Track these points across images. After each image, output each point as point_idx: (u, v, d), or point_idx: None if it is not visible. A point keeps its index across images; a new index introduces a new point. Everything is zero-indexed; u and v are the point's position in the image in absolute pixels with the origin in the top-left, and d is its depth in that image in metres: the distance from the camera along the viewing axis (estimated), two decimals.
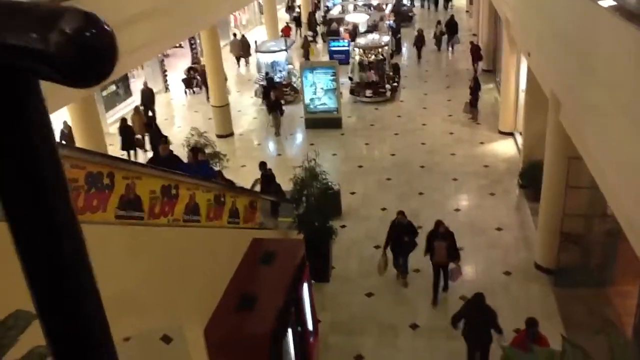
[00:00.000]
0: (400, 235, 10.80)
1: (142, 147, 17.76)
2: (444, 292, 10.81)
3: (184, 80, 23.97)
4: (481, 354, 8.73)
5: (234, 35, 28.51)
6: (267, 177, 13.09)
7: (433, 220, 13.16)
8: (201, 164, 11.38)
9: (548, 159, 10.67)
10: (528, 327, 7.84)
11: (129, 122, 17.37)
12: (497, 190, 14.48)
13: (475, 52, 23.36)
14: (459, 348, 9.36)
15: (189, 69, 24.48)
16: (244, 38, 27.86)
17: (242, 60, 27.52)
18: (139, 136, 17.57)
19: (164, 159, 11.49)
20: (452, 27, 26.93)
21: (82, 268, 0.82)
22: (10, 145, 0.70)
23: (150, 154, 16.40)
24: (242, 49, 27.30)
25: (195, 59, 25.99)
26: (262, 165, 13.42)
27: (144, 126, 17.77)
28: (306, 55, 26.73)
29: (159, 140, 15.77)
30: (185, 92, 23.98)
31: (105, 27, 0.66)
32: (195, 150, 11.71)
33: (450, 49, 26.97)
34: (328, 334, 9.97)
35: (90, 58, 0.65)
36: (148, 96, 20.41)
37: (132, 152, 17.32)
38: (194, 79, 24.06)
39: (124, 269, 5.61)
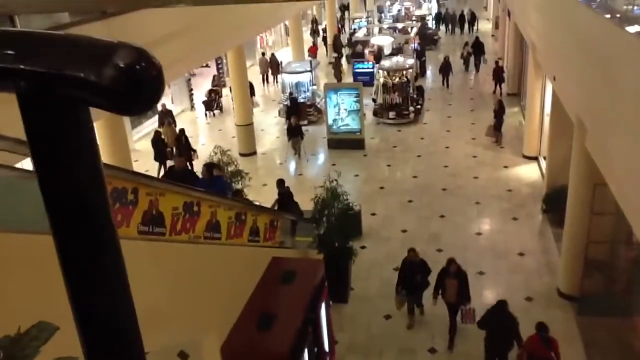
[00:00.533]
0: (413, 273, 10.37)
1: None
2: (454, 334, 10.11)
3: (204, 103, 23.94)
4: None
5: (263, 54, 29.02)
6: (285, 195, 13.02)
7: (454, 244, 13.14)
8: (215, 179, 11.38)
9: (573, 184, 10.55)
10: (539, 331, 8.21)
11: (162, 135, 17.87)
12: (520, 214, 14.32)
13: (499, 73, 23.55)
14: None
15: (210, 91, 24.40)
16: (273, 57, 28.36)
17: (271, 78, 28.10)
18: (169, 149, 18.04)
19: (178, 173, 11.64)
20: (479, 47, 27.41)
21: (120, 284, 0.87)
22: (61, 166, 0.75)
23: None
24: (271, 67, 27.93)
25: (215, 82, 25.80)
26: (280, 183, 13.31)
27: (175, 139, 18.21)
28: (338, 75, 26.94)
29: (189, 153, 17.30)
30: (206, 115, 23.87)
31: (154, 61, 0.71)
32: (209, 166, 11.63)
33: (476, 69, 27.29)
34: (345, 355, 9.89)
35: (140, 90, 0.69)
36: (164, 117, 20.26)
37: (164, 163, 17.69)
38: (214, 101, 24.05)
39: (144, 284, 5.66)
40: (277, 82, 27.62)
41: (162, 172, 17.23)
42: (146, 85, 0.70)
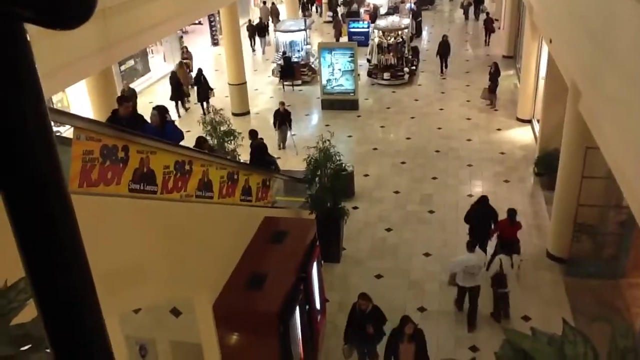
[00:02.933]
0: (363, 324, 8.25)
1: (188, 96, 20.14)
2: None
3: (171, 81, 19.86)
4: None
5: (264, 2, 29.87)
6: (258, 147, 12.28)
7: (446, 205, 13.22)
8: (167, 126, 9.46)
9: (565, 148, 10.57)
10: (509, 215, 10.55)
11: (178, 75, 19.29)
12: (512, 177, 14.39)
13: (489, 24, 25.27)
14: (466, 333, 9.43)
15: (180, 64, 20.84)
16: (274, 5, 28.28)
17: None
18: (185, 88, 19.62)
19: (122, 120, 9.79)
20: None
21: (69, 230, 0.82)
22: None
23: (196, 106, 19.82)
24: (272, 15, 28.38)
25: (184, 55, 22.23)
26: (252, 134, 12.62)
27: (187, 79, 19.91)
28: (338, 35, 26.57)
29: (207, 92, 19.20)
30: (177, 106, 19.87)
31: None
32: (160, 110, 9.78)
33: (475, 17, 28.57)
34: (336, 314, 10.04)
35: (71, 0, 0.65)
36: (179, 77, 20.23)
37: (179, 102, 19.64)
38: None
39: (136, 241, 5.69)
40: (266, 44, 27.16)
41: (180, 110, 19.67)
42: None
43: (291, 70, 21.35)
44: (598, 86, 8.10)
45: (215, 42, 27.55)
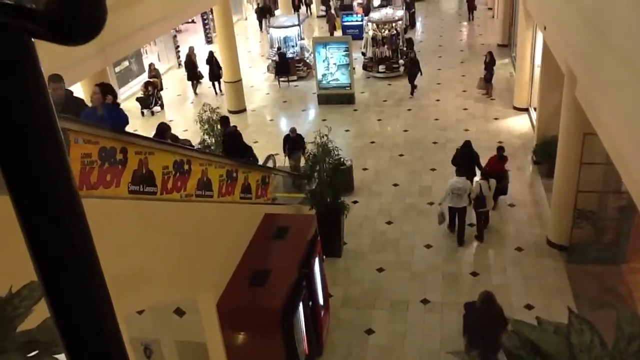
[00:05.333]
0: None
1: (202, 77, 21.48)
2: None
3: (139, 100, 19.61)
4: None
5: None
6: (231, 135, 11.69)
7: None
8: (110, 109, 7.73)
9: (563, 134, 10.57)
10: (497, 151, 12.49)
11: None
12: (511, 166, 14.37)
13: (471, 2, 27.15)
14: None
15: (146, 84, 19.85)
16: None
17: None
18: (199, 69, 21.38)
19: (56, 104, 8.10)
20: None
21: (82, 236, 0.82)
22: (6, 100, 0.71)
23: (205, 85, 21.51)
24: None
25: (152, 72, 21.21)
26: (224, 121, 12.09)
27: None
28: (332, 29, 26.52)
29: (219, 71, 20.09)
30: (142, 113, 19.46)
31: None
32: (103, 88, 7.97)
33: (470, 15, 28.20)
34: (339, 309, 10.06)
35: (78, 16, 0.65)
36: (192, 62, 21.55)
37: (197, 82, 21.51)
38: (152, 96, 19.70)
39: (138, 243, 5.69)
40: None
41: (197, 89, 21.55)
42: (86, 11, 0.65)
43: (286, 66, 21.33)
44: (594, 71, 8.09)
45: (209, 40, 27.49)
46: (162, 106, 20.22)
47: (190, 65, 21.26)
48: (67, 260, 0.81)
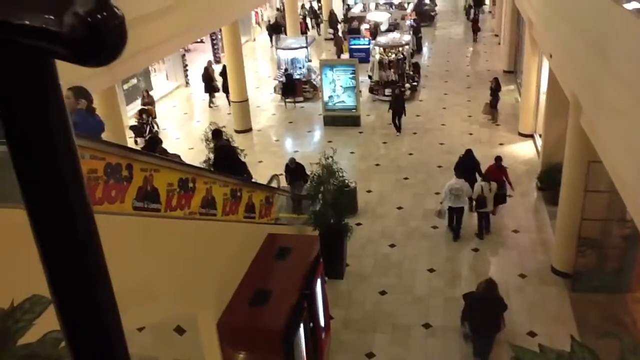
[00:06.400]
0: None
1: (218, 90, 21.84)
2: None
3: (132, 128, 18.31)
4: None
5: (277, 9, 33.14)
6: (223, 149, 11.13)
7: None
8: (83, 115, 6.67)
9: (567, 162, 10.57)
10: (496, 161, 13.01)
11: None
12: (515, 192, 14.35)
13: (475, 24, 29.14)
14: (471, 349, 9.36)
15: (140, 112, 19.04)
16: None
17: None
18: (215, 82, 21.94)
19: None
20: (478, 1, 32.17)
21: (94, 252, 0.85)
22: (27, 120, 0.73)
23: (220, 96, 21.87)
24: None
25: (145, 99, 20.30)
26: (217, 134, 11.57)
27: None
28: (339, 52, 26.75)
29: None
30: (136, 142, 17.89)
31: (116, 10, 0.69)
32: (77, 92, 6.74)
33: (474, 16, 30.10)
34: (340, 331, 9.99)
35: (101, 39, 0.67)
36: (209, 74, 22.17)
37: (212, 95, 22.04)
38: (146, 124, 18.62)
39: (140, 260, 5.68)
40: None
41: (214, 102, 22.11)
42: (107, 35, 0.67)
43: (293, 87, 21.46)
44: (599, 100, 8.12)
45: (217, 60, 27.73)
46: (157, 134, 17.75)
47: (207, 79, 21.95)
48: (80, 272, 0.83)
